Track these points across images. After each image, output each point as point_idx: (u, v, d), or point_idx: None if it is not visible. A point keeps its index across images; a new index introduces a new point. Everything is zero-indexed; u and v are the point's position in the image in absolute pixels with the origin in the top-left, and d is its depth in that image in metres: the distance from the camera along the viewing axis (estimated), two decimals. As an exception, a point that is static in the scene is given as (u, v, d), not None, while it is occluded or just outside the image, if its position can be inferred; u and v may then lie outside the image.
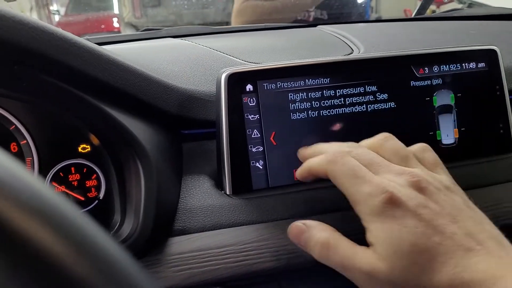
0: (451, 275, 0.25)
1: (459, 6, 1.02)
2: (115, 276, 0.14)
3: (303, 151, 0.35)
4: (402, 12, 2.45)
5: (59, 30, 0.31)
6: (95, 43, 0.35)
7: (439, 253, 0.26)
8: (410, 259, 0.26)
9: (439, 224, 0.27)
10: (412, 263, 0.26)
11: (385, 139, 0.32)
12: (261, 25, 0.75)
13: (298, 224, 0.32)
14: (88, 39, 0.35)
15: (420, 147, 0.34)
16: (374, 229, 0.28)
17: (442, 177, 0.31)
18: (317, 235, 0.30)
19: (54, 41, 0.30)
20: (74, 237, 0.14)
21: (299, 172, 0.34)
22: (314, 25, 0.72)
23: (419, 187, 0.28)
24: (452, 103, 0.42)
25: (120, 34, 0.78)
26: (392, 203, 0.27)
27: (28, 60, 0.29)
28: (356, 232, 0.29)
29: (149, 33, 0.71)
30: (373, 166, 0.30)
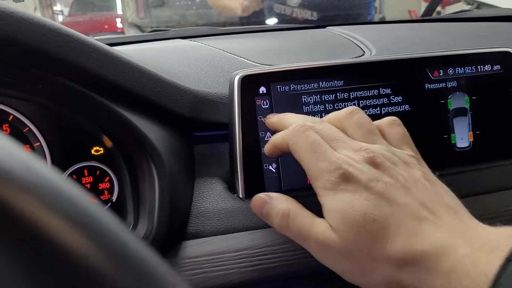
0: (403, 245, 0.25)
1: (467, 7, 1.01)
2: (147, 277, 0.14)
3: (269, 118, 0.36)
4: (406, 13, 2.44)
5: (74, 32, 0.31)
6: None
7: (391, 223, 0.26)
8: (361, 229, 0.26)
9: (391, 196, 0.27)
10: (363, 233, 0.26)
11: (351, 113, 0.32)
12: (269, 26, 0.75)
13: (261, 195, 0.32)
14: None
15: (388, 122, 0.33)
16: (327, 202, 0.28)
17: (403, 152, 0.31)
18: (278, 205, 0.30)
19: (70, 43, 0.30)
20: (108, 242, 0.13)
21: (266, 148, 0.34)
22: (323, 26, 0.72)
23: (374, 162, 0.28)
24: (467, 106, 0.41)
25: (128, 35, 0.78)
26: (345, 179, 0.27)
27: (45, 62, 0.29)
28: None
29: (157, 34, 0.70)
30: (333, 142, 0.30)
